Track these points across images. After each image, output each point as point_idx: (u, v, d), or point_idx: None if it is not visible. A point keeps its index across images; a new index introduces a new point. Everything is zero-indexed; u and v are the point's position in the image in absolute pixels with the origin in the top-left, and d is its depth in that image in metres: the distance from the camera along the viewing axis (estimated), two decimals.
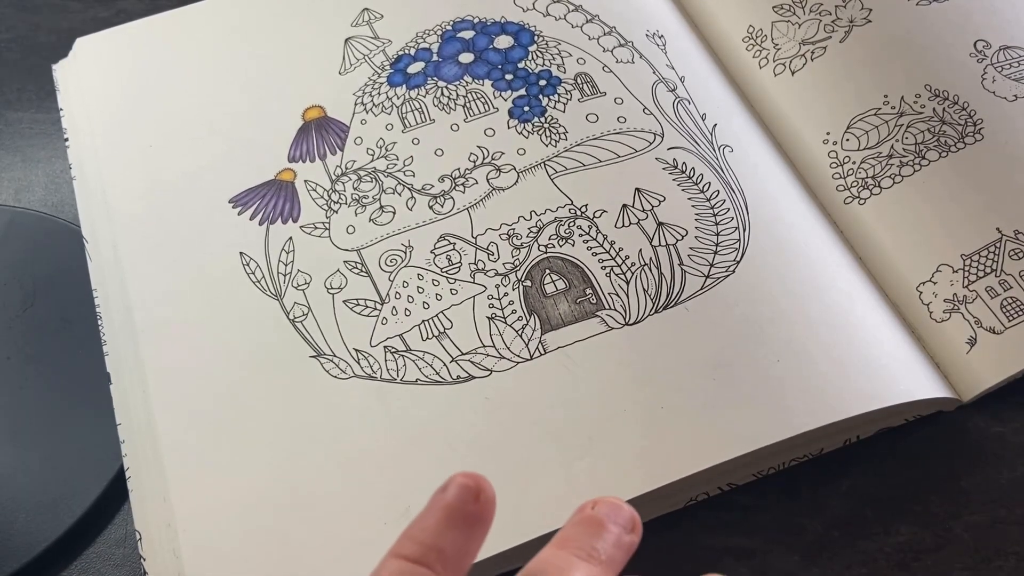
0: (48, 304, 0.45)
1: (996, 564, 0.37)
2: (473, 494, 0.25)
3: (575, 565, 0.25)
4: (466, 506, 0.25)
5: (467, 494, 0.25)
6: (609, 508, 0.27)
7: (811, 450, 0.39)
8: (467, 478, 0.26)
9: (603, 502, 0.27)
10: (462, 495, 0.25)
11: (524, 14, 0.50)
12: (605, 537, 0.26)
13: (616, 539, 0.26)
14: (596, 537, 0.26)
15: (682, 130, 0.45)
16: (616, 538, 0.26)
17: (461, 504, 0.25)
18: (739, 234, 0.42)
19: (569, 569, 0.25)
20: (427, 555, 0.25)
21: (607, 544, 0.26)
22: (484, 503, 0.25)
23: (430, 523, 0.25)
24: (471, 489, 0.25)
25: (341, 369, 0.40)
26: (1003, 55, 0.45)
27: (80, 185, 0.46)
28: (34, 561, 0.38)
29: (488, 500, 0.26)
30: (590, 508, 0.27)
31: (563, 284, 0.41)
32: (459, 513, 0.25)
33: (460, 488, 0.25)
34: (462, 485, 0.25)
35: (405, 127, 0.46)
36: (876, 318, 0.40)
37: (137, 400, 0.40)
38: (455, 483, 0.26)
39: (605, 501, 0.27)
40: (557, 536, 0.27)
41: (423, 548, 0.25)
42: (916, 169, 0.43)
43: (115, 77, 0.49)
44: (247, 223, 0.44)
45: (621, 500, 0.27)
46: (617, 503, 0.27)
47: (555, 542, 0.26)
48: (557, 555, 0.25)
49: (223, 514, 0.37)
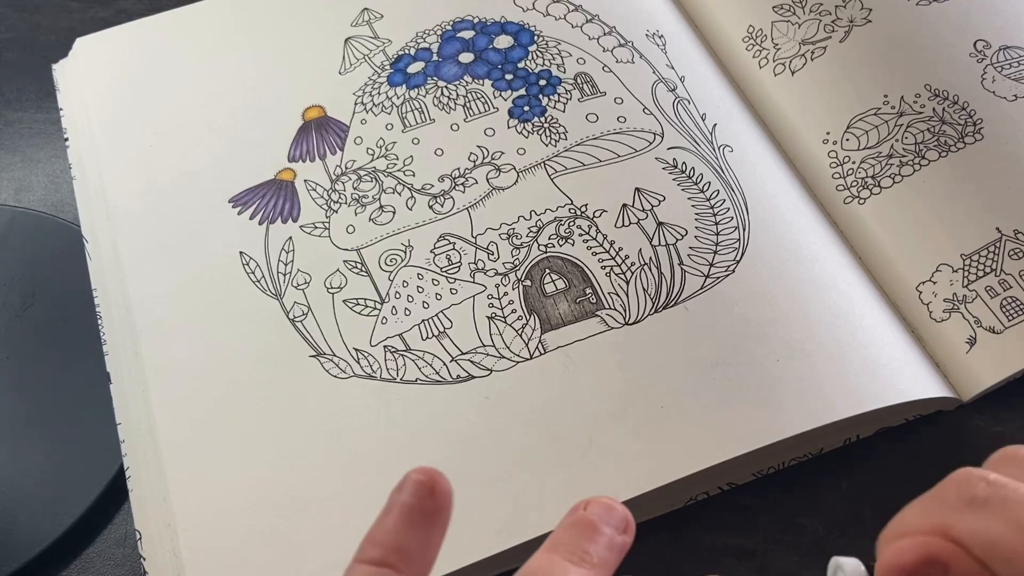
0: (48, 304, 0.45)
1: None
2: (428, 489, 0.26)
3: (567, 571, 0.25)
4: (423, 502, 0.25)
5: (422, 490, 0.26)
6: (602, 509, 0.27)
7: (811, 450, 0.39)
8: (420, 474, 0.26)
9: (595, 503, 0.27)
10: (417, 491, 0.26)
11: (524, 14, 0.50)
12: (597, 540, 0.26)
13: (609, 541, 0.26)
14: (588, 540, 0.26)
15: (682, 130, 0.45)
16: (609, 540, 0.26)
17: (418, 501, 0.25)
18: (739, 234, 0.42)
19: (561, 574, 0.25)
20: (389, 556, 0.25)
21: (599, 547, 0.26)
22: (440, 496, 0.26)
23: (389, 524, 0.25)
24: (425, 485, 0.26)
25: (341, 369, 0.40)
26: (1003, 55, 0.45)
27: (80, 185, 0.46)
28: (34, 561, 0.38)
29: (443, 493, 0.26)
30: (582, 509, 0.27)
31: (563, 284, 0.41)
32: (416, 510, 0.25)
33: (415, 485, 0.26)
34: (416, 482, 0.26)
35: (405, 127, 0.46)
36: (876, 318, 0.40)
37: (137, 400, 0.40)
38: (410, 480, 0.26)
39: (597, 502, 0.27)
40: (549, 540, 0.26)
41: (385, 550, 0.25)
42: (916, 169, 0.43)
43: (115, 77, 0.49)
44: (247, 223, 0.44)
45: (614, 500, 0.27)
46: (610, 504, 0.27)
47: (547, 546, 0.26)
48: (549, 560, 0.25)
49: (223, 514, 0.37)
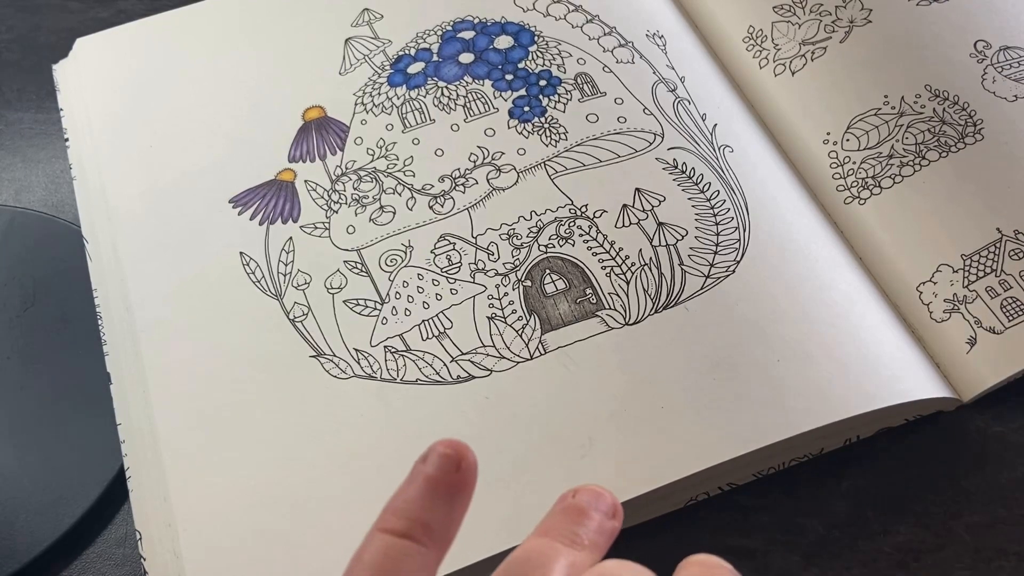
0: (48, 304, 0.45)
1: (996, 564, 0.37)
2: (454, 463, 0.25)
3: (559, 551, 0.25)
4: (448, 476, 0.25)
5: (448, 464, 0.25)
6: (590, 496, 0.27)
7: (811, 450, 0.39)
8: (447, 447, 0.25)
9: (584, 490, 0.27)
10: (444, 465, 0.25)
11: (524, 14, 0.50)
12: (587, 523, 0.26)
13: (598, 525, 0.26)
14: (578, 524, 0.26)
15: (682, 130, 0.45)
16: (598, 524, 0.26)
17: (443, 474, 0.25)
18: (739, 234, 0.42)
19: (553, 554, 0.25)
20: (413, 528, 0.24)
21: (589, 530, 0.26)
22: (466, 471, 0.25)
23: (413, 495, 0.25)
24: (452, 459, 0.25)
25: (341, 369, 0.40)
26: (1003, 55, 0.45)
27: (80, 185, 0.46)
28: (34, 561, 0.38)
29: (470, 468, 0.25)
30: (571, 497, 0.27)
31: (563, 284, 0.41)
32: (442, 484, 0.25)
33: (441, 458, 0.25)
34: (443, 455, 0.25)
35: (405, 127, 0.46)
36: (876, 318, 0.40)
37: (137, 400, 0.40)
38: (435, 452, 0.25)
39: (586, 489, 0.27)
40: (539, 526, 0.26)
41: (408, 522, 0.24)
42: (916, 169, 0.43)
43: (115, 77, 0.49)
44: (247, 223, 0.44)
45: (601, 487, 0.27)
46: (597, 490, 0.27)
47: (538, 531, 0.26)
48: (540, 542, 0.25)
49: (223, 514, 0.37)
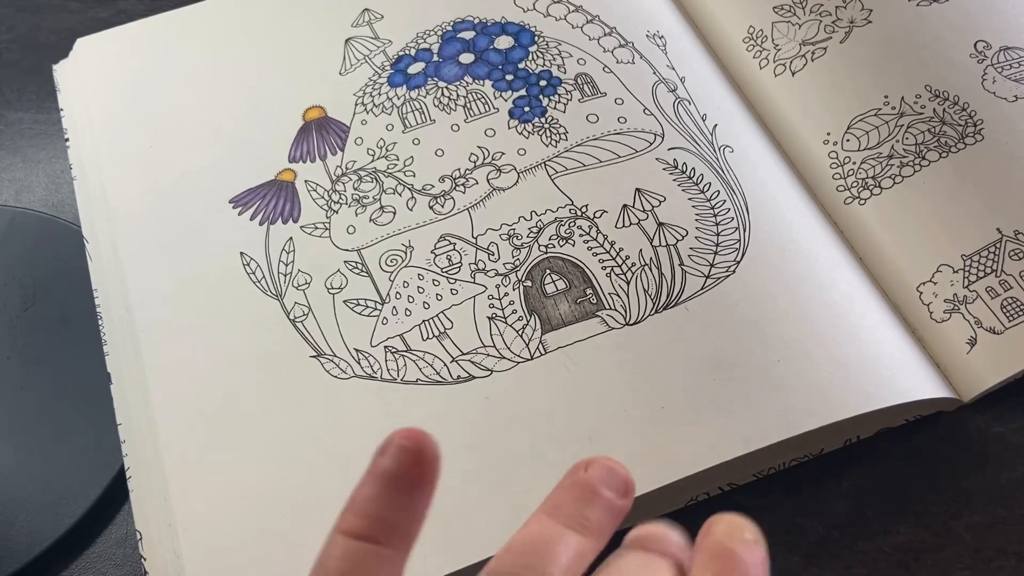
0: (48, 304, 0.45)
1: (996, 564, 0.37)
2: (412, 456, 0.23)
3: (567, 538, 0.24)
4: (408, 470, 0.23)
5: (407, 456, 0.23)
6: (603, 472, 0.25)
7: (811, 450, 0.39)
8: (405, 437, 0.23)
9: (597, 464, 0.26)
10: (402, 457, 0.23)
11: (524, 14, 0.50)
12: (597, 504, 0.25)
13: (608, 505, 0.25)
14: (588, 504, 0.25)
15: (682, 130, 0.45)
16: (608, 504, 0.25)
17: (403, 468, 0.23)
18: (739, 234, 0.42)
19: (561, 542, 0.24)
20: (373, 528, 0.23)
21: (599, 512, 0.25)
22: (427, 464, 0.23)
23: (372, 492, 0.23)
24: (410, 451, 0.23)
25: (341, 369, 0.40)
26: (1003, 56, 0.45)
27: (80, 185, 0.46)
28: (34, 561, 0.38)
29: (431, 460, 0.24)
30: (583, 470, 0.26)
31: (563, 284, 0.41)
32: (402, 478, 0.23)
33: (399, 450, 0.23)
34: (400, 447, 0.23)
35: (405, 127, 0.46)
36: (876, 318, 0.40)
37: (137, 400, 0.40)
38: (393, 444, 0.23)
39: (599, 463, 0.26)
40: (548, 501, 0.25)
41: (368, 520, 0.23)
42: (916, 169, 0.43)
43: (115, 77, 0.49)
44: (247, 223, 0.44)
45: (615, 461, 0.26)
46: (611, 466, 0.26)
47: (546, 509, 0.25)
48: (548, 526, 0.24)
49: (223, 514, 0.37)
